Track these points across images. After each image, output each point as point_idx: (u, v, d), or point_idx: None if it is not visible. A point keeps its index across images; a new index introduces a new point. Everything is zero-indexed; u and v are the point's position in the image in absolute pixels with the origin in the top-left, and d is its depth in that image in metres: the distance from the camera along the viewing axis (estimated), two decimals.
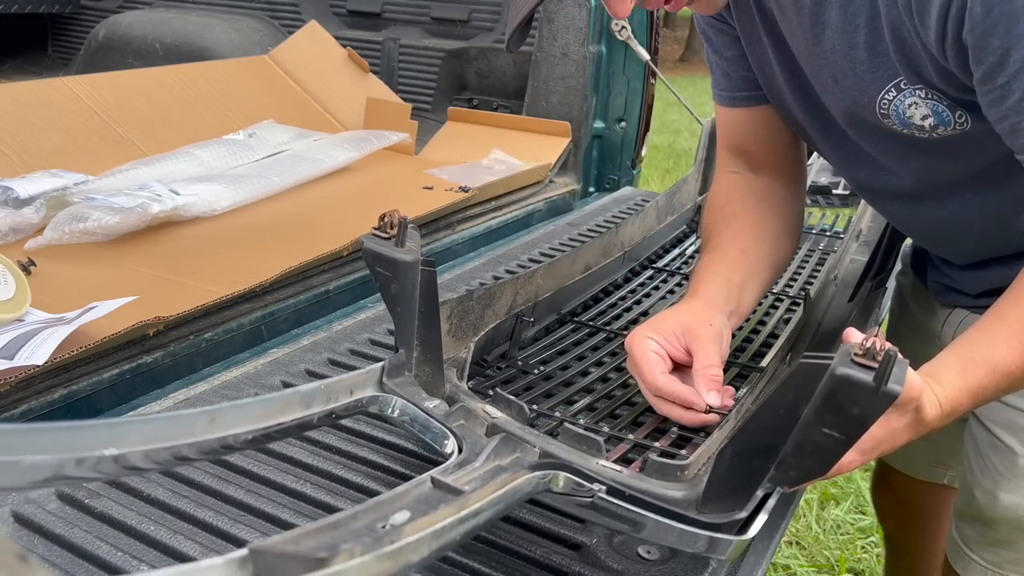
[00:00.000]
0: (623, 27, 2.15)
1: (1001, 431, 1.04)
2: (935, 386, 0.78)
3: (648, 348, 0.91)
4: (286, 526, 0.82)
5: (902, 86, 0.83)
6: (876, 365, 0.61)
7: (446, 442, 0.77)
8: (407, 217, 0.85)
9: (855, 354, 0.61)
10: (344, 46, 2.40)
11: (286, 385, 1.09)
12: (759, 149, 1.12)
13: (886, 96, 0.84)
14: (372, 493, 0.88)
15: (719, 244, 1.05)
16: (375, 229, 0.84)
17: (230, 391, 1.07)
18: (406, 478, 0.90)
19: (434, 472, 0.65)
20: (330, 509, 0.85)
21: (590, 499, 0.72)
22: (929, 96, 0.82)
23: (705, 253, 1.07)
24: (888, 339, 1.31)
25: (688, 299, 1.00)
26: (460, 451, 0.74)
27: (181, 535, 0.79)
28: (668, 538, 0.71)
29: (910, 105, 0.83)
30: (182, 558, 0.77)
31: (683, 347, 0.92)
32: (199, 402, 1.05)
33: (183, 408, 1.03)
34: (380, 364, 0.83)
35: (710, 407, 0.89)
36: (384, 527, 0.55)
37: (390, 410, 0.82)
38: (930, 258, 1.19)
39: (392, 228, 0.84)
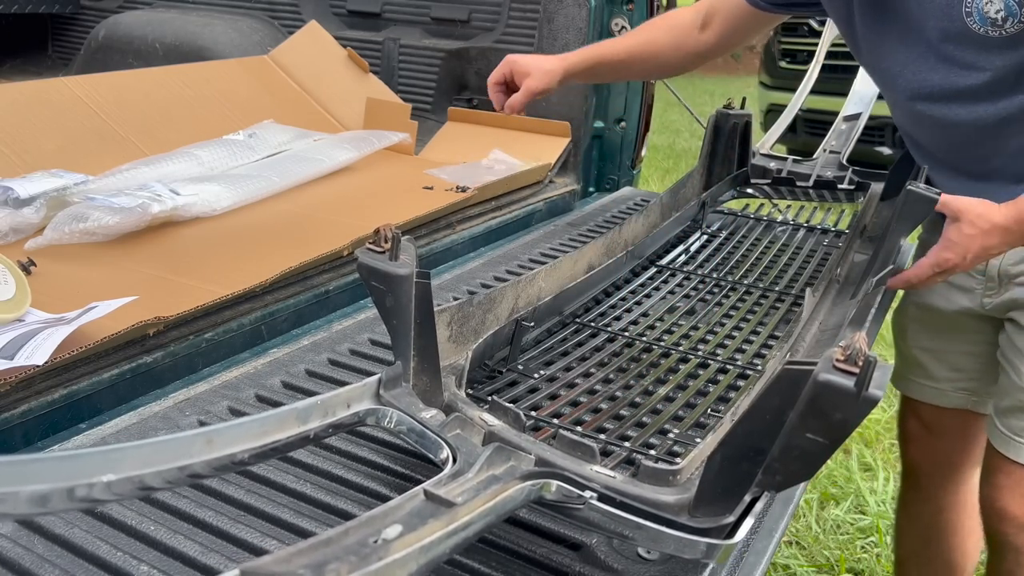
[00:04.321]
0: (623, 27, 2.15)
1: None
2: (1011, 205, 1.13)
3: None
4: (286, 526, 0.82)
5: None
6: (857, 370, 0.61)
7: (440, 452, 0.77)
8: (400, 231, 0.85)
9: (837, 359, 0.62)
10: (344, 46, 2.40)
11: (286, 385, 1.10)
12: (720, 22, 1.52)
13: None
14: (372, 493, 0.88)
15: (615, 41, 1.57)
16: (370, 243, 0.85)
17: (230, 391, 1.07)
18: (406, 478, 0.90)
19: (427, 484, 0.66)
20: (330, 509, 0.85)
21: (581, 505, 0.73)
22: None
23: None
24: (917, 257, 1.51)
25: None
26: (454, 461, 0.74)
27: (181, 535, 0.79)
28: (657, 543, 0.71)
29: (986, 4, 1.09)
30: (182, 558, 0.77)
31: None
32: (199, 402, 1.05)
33: (184, 407, 1.03)
34: (377, 376, 0.83)
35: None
36: (376, 542, 0.55)
37: (387, 422, 0.82)
38: None
39: (386, 242, 0.84)
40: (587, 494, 0.73)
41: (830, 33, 2.24)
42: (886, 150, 4.92)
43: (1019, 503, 1.34)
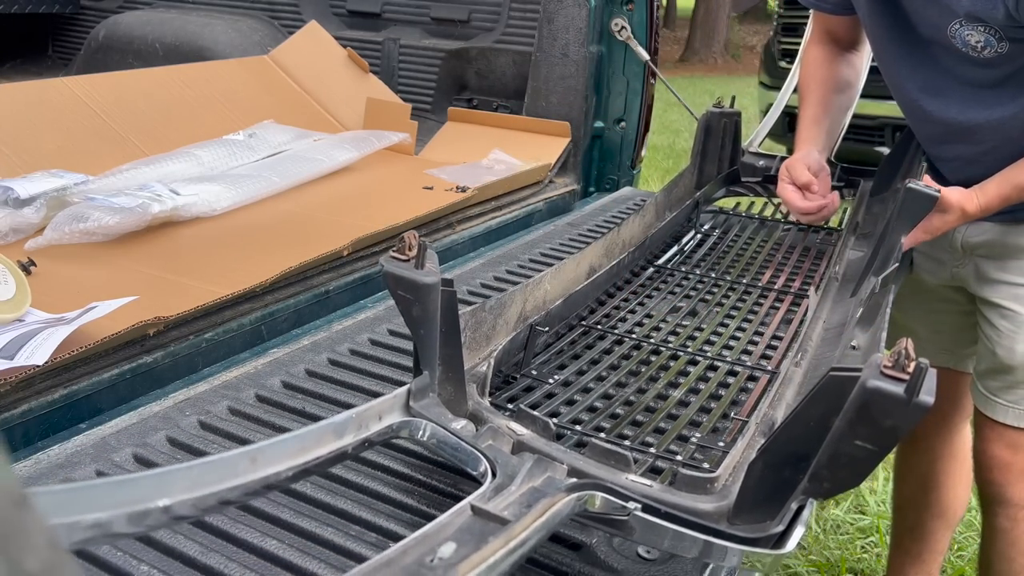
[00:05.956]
0: (623, 27, 2.15)
1: (1009, 302, 1.42)
2: (979, 192, 1.29)
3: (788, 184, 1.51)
4: (286, 526, 0.82)
5: (964, 23, 1.23)
6: (907, 377, 0.60)
7: (479, 465, 0.77)
8: (425, 240, 0.85)
9: (885, 366, 0.61)
10: (344, 46, 2.40)
11: (286, 385, 1.09)
12: (844, 34, 1.62)
13: (954, 25, 1.24)
14: (370, 492, 0.88)
15: (813, 101, 1.60)
16: (394, 251, 0.83)
17: (230, 391, 1.07)
18: (403, 477, 0.90)
19: (472, 500, 0.66)
20: (330, 508, 0.85)
21: (626, 516, 0.72)
22: (986, 31, 1.22)
23: (806, 106, 1.61)
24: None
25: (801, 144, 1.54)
26: (494, 474, 0.74)
27: (181, 535, 0.79)
28: (706, 554, 0.71)
29: (968, 34, 1.23)
30: (182, 558, 0.77)
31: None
32: (199, 402, 1.05)
33: (184, 407, 1.03)
34: (406, 387, 0.83)
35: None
36: (432, 561, 0.55)
37: (420, 434, 0.82)
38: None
39: (411, 250, 0.83)
40: (631, 505, 0.72)
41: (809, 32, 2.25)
42: (885, 150, 4.92)
43: (1005, 451, 1.48)
